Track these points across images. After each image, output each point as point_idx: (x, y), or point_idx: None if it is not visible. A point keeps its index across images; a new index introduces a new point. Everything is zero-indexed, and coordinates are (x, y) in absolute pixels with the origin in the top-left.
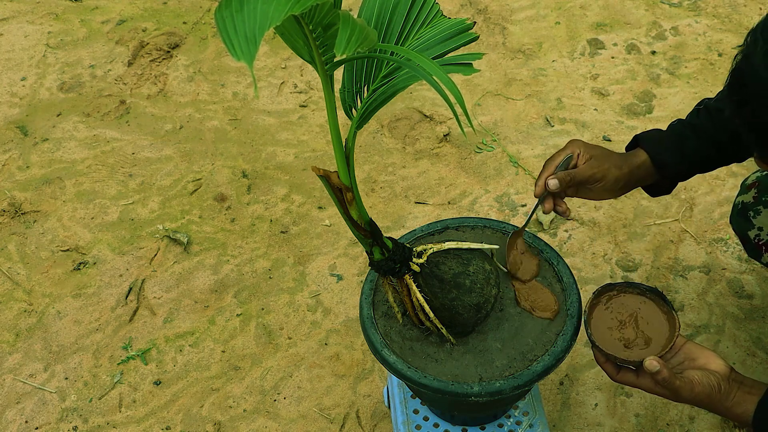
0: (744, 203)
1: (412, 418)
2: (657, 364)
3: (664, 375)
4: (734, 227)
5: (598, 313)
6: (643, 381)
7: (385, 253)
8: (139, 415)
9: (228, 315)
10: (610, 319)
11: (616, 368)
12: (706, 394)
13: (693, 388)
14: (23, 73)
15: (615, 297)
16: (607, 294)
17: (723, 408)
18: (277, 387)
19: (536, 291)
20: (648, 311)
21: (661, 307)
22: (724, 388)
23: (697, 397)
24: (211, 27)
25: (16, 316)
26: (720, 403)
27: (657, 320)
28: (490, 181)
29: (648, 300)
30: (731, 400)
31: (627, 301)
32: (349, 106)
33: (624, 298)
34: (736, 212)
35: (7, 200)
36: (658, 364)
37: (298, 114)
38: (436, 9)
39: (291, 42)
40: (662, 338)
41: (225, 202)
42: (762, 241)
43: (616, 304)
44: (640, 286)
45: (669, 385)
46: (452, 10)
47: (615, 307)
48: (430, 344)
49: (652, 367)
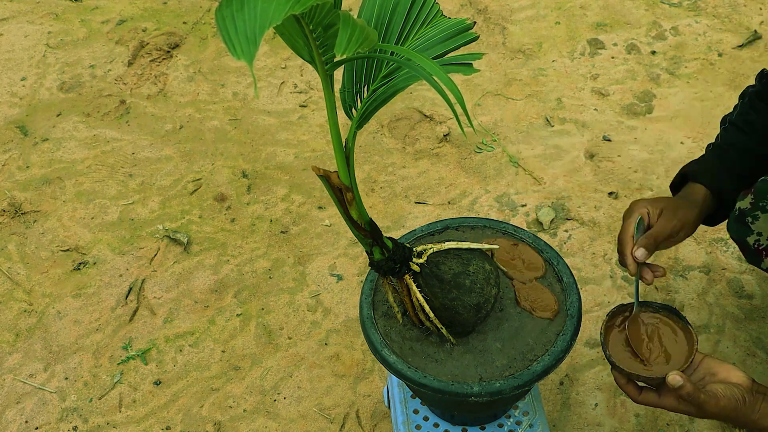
0: (741, 209)
1: (412, 418)
2: (680, 379)
3: (688, 389)
4: (732, 234)
5: (614, 335)
6: (666, 400)
7: (385, 253)
8: (139, 415)
9: (228, 315)
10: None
11: (638, 389)
12: (732, 407)
13: (718, 402)
14: (23, 73)
15: (629, 317)
16: (622, 315)
17: (750, 421)
18: (277, 387)
19: (536, 291)
20: (664, 329)
21: (677, 323)
22: (749, 400)
23: (723, 410)
24: (211, 27)
25: (16, 316)
26: (746, 417)
27: (673, 337)
28: (490, 181)
29: (663, 317)
30: (758, 413)
31: (642, 320)
32: (349, 106)
33: (638, 318)
34: (733, 219)
35: (7, 200)
36: (681, 378)
37: (298, 114)
38: (436, 9)
39: (291, 42)
40: (681, 355)
41: (225, 202)
42: (762, 246)
43: (631, 324)
44: (653, 305)
45: (694, 399)
46: (452, 10)
47: (631, 327)
48: (430, 344)
49: (675, 382)
